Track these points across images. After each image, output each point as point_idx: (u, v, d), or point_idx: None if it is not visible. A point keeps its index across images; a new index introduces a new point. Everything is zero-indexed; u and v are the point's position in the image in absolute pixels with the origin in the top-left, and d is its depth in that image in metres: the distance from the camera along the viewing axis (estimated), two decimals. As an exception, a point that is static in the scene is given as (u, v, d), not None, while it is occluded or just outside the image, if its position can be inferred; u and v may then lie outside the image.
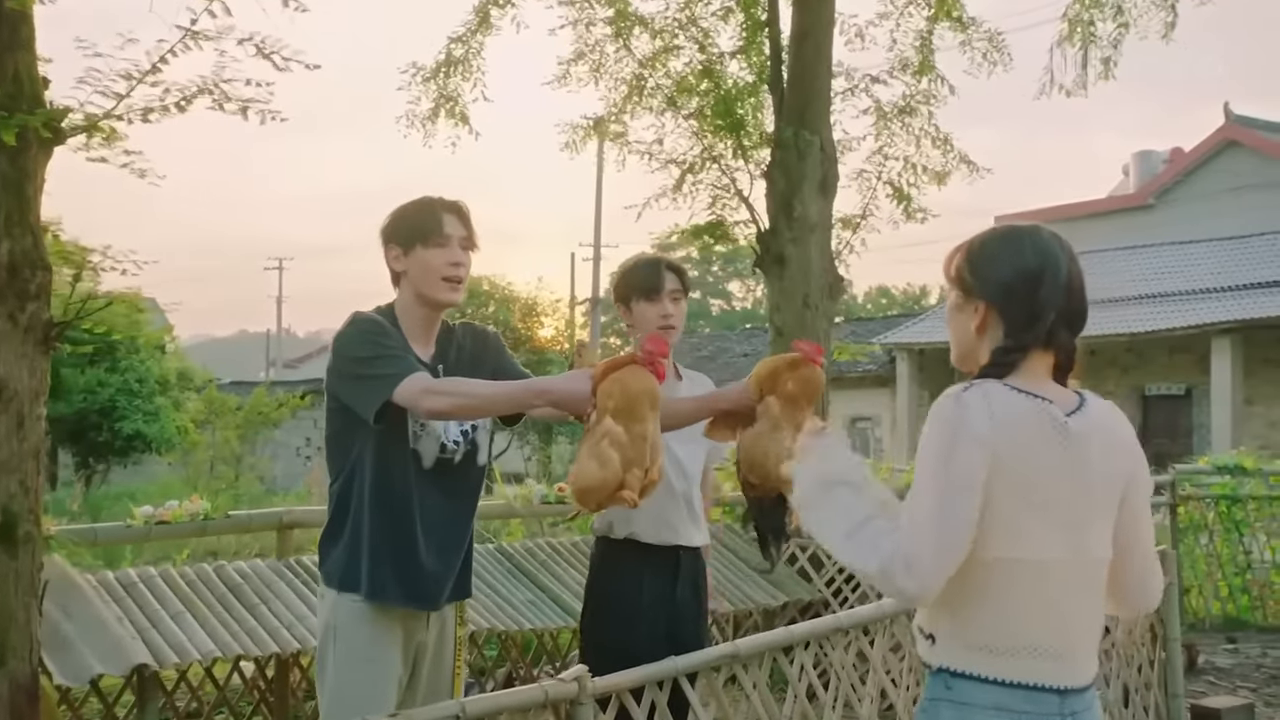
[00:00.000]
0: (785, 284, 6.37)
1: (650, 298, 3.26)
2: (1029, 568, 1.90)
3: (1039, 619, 1.92)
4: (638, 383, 2.40)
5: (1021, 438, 1.88)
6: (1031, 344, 1.95)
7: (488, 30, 7.51)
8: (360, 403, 2.56)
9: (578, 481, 2.43)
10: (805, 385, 2.77)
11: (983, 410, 1.87)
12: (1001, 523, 1.87)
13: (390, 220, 2.77)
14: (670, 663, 3.01)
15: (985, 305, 1.99)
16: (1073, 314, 1.99)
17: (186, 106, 4.43)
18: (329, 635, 2.66)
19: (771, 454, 2.77)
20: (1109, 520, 1.98)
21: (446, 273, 2.73)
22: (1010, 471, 1.86)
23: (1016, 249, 2.00)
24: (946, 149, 7.83)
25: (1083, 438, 1.93)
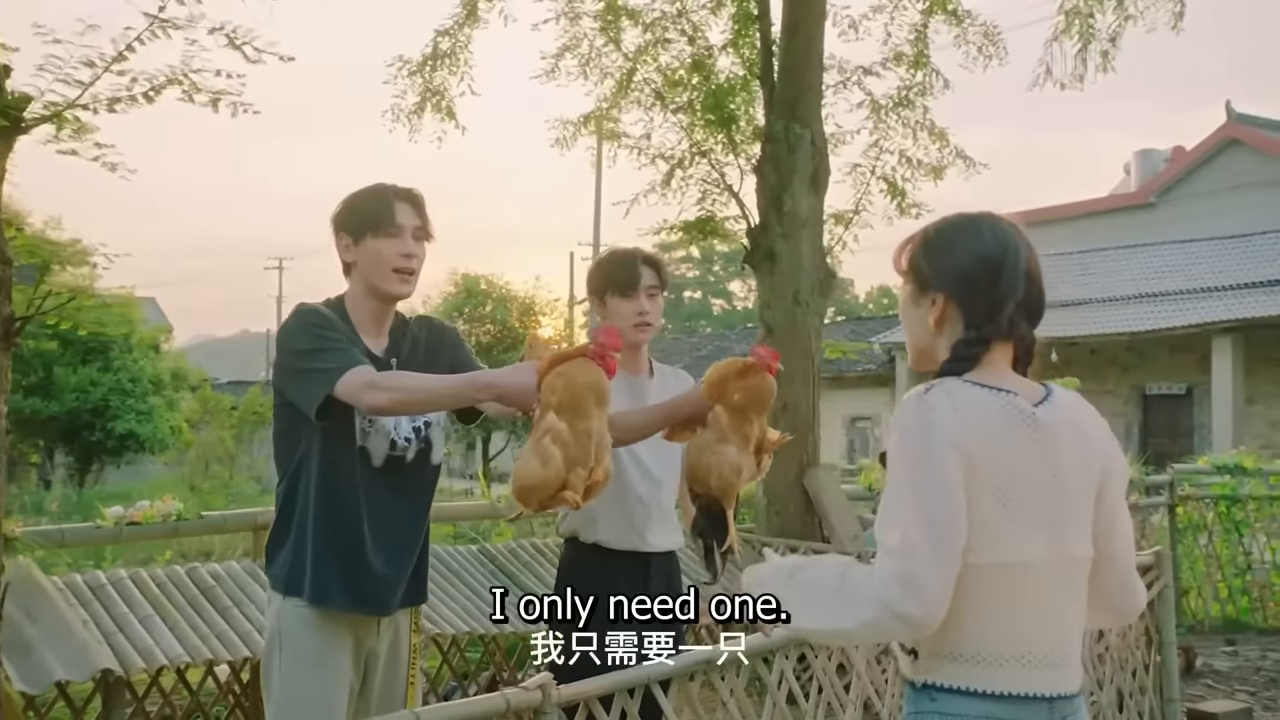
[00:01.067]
0: (776, 280, 6.26)
1: (626, 294, 3.14)
2: (1010, 571, 1.80)
3: (1024, 625, 1.82)
4: (584, 376, 2.29)
5: (991, 435, 1.79)
6: (994, 336, 1.86)
7: (475, 23, 7.40)
8: (302, 398, 2.45)
9: (518, 479, 2.31)
10: (753, 395, 2.68)
11: (949, 410, 1.78)
12: (979, 525, 1.76)
13: (341, 208, 2.65)
14: (642, 669, 2.90)
15: (944, 297, 1.89)
16: (1032, 303, 1.90)
17: (155, 97, 4.32)
18: (274, 642, 2.55)
19: (714, 466, 2.68)
20: (1086, 516, 1.87)
21: (398, 264, 2.61)
22: (984, 471, 1.77)
23: (975, 236, 1.90)
24: (942, 144, 7.73)
25: (1052, 429, 1.83)
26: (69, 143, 4.42)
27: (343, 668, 2.55)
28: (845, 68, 7.21)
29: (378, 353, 2.62)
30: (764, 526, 6.31)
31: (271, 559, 2.59)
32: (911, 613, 1.72)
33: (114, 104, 4.23)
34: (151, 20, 4.13)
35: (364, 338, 2.60)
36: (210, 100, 4.43)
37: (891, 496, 1.79)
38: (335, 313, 2.58)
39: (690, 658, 3.07)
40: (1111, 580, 1.93)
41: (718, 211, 6.89)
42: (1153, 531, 8.52)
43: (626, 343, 3.19)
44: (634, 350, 3.21)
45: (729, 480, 2.71)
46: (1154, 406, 21.55)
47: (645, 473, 3.12)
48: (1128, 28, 7.82)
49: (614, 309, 3.16)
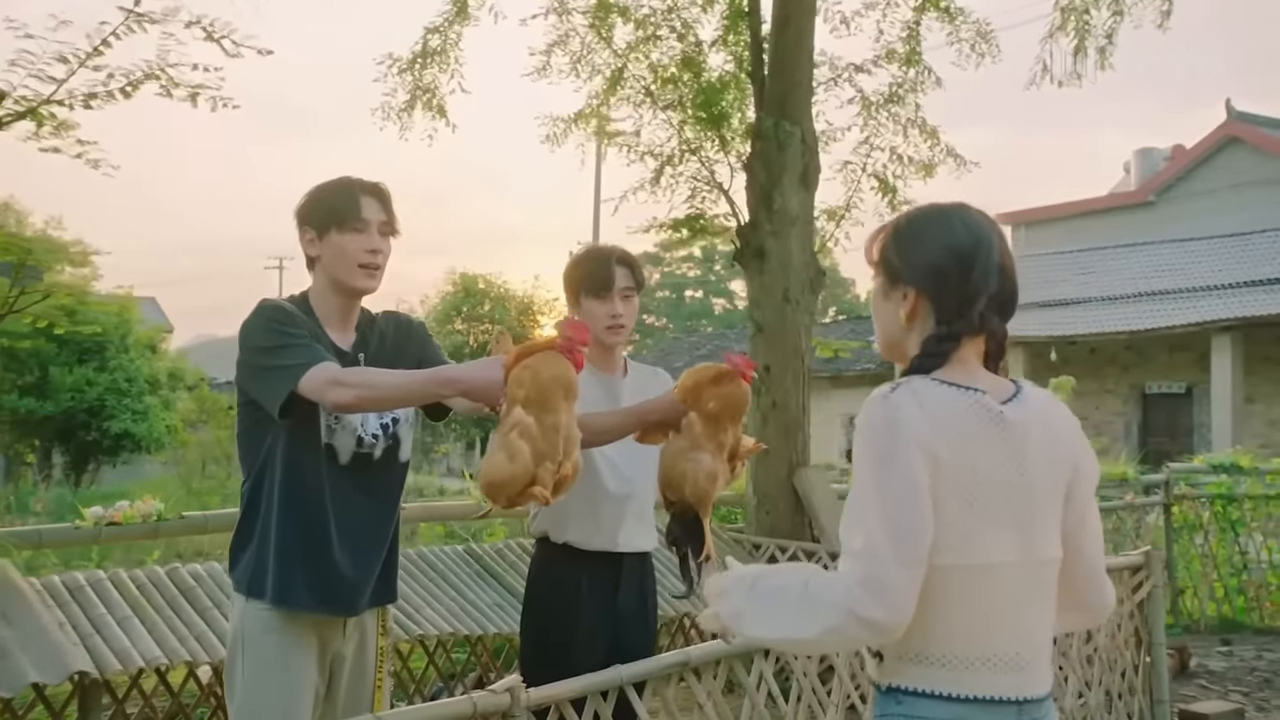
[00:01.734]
0: (765, 278, 6.22)
1: (600, 295, 3.09)
2: (977, 573, 1.76)
3: (991, 627, 1.78)
4: (550, 370, 2.25)
5: (959, 435, 1.75)
6: (965, 331, 1.81)
7: (465, 21, 7.36)
8: (265, 395, 2.41)
9: (486, 475, 2.27)
10: (727, 403, 2.67)
11: (915, 409, 1.74)
12: (946, 527, 1.73)
13: (306, 201, 2.60)
14: (614, 671, 2.85)
15: (915, 291, 1.85)
16: (1005, 298, 1.86)
17: (132, 92, 4.31)
18: (237, 644, 2.50)
19: (689, 474, 2.66)
20: (1055, 516, 1.83)
21: (363, 259, 2.57)
22: (951, 472, 1.73)
23: (947, 228, 1.85)
24: (934, 141, 7.68)
25: (1021, 428, 1.79)
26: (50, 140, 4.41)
27: (307, 671, 2.51)
28: (836, 64, 7.18)
29: (344, 348, 2.58)
30: (754, 526, 6.26)
31: (235, 560, 2.54)
32: (876, 617, 1.68)
33: (90, 99, 4.22)
34: (127, 14, 4.11)
35: (330, 333, 2.56)
36: (189, 95, 4.42)
37: (856, 498, 1.75)
38: (300, 308, 2.54)
39: (666, 659, 3.03)
40: (1081, 579, 1.90)
41: (707, 209, 6.85)
42: (1148, 531, 8.48)
43: (600, 343, 3.15)
44: (608, 350, 3.17)
45: (704, 488, 2.69)
46: (1153, 405, 21.49)
47: (616, 471, 3.07)
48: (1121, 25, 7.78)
49: (588, 310, 3.11)
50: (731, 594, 1.89)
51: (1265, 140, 22.12)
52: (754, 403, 6.27)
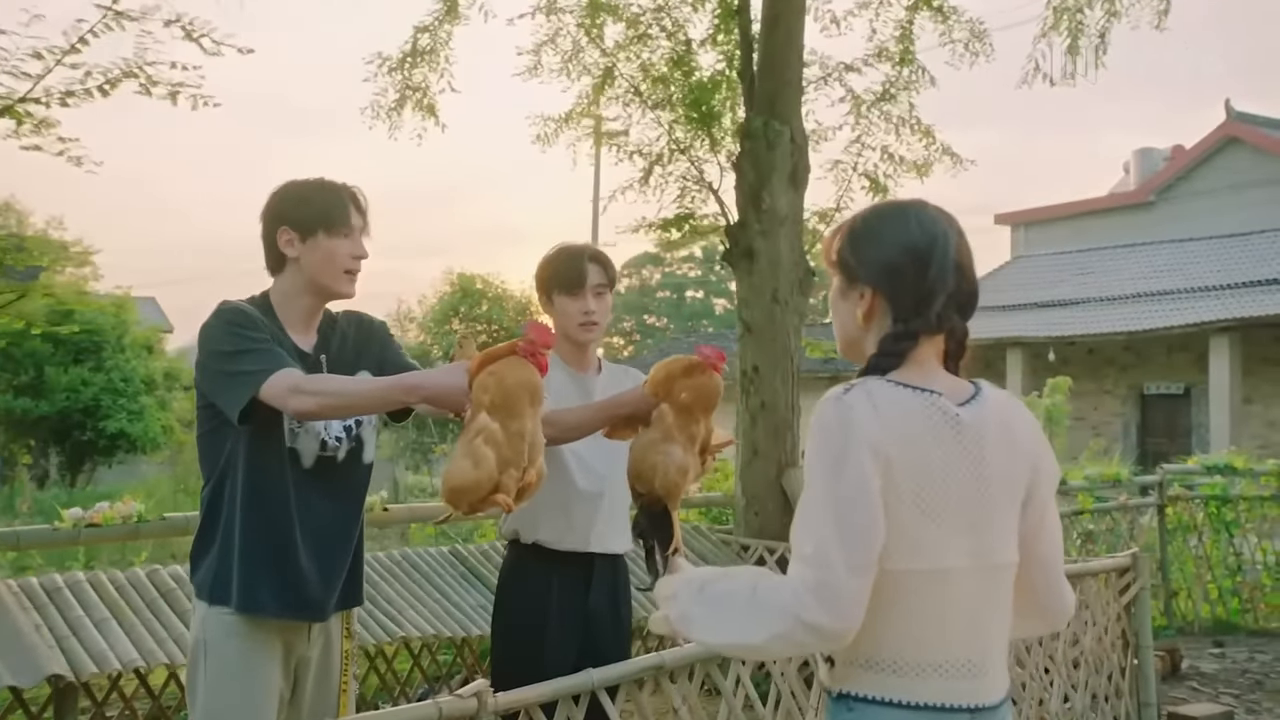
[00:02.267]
0: (754, 279, 6.18)
1: (572, 292, 3.06)
2: (930, 578, 1.72)
3: (944, 633, 1.74)
4: (515, 375, 2.24)
5: (912, 437, 1.71)
6: (922, 330, 1.78)
7: (455, 20, 7.31)
8: (225, 401, 2.37)
9: (449, 481, 2.25)
10: (699, 394, 2.64)
11: (868, 411, 1.70)
12: (898, 531, 1.69)
13: (283, 201, 2.55)
14: (585, 675, 2.81)
15: (871, 290, 1.82)
16: (964, 295, 1.82)
17: (110, 90, 4.28)
18: (199, 651, 2.46)
19: (660, 466, 2.63)
20: (1012, 520, 1.79)
21: (349, 265, 2.57)
22: (904, 475, 1.69)
23: (902, 226, 1.82)
24: (928, 140, 7.65)
25: (978, 430, 1.75)
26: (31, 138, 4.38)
27: (271, 677, 2.47)
28: (827, 64, 7.14)
29: (306, 349, 2.55)
30: (742, 528, 6.23)
31: (196, 566, 2.51)
32: (824, 624, 1.64)
33: (68, 97, 4.19)
34: (105, 12, 4.09)
35: (292, 335, 2.53)
36: (169, 93, 4.39)
37: (807, 501, 1.70)
38: (260, 310, 2.50)
39: (639, 662, 2.99)
40: (1039, 584, 1.86)
41: (697, 209, 6.81)
42: (1142, 532, 8.45)
43: (573, 341, 3.12)
44: (581, 349, 3.14)
45: (674, 480, 2.65)
46: (1152, 406, 21.46)
47: (588, 470, 3.03)
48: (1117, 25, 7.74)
49: (560, 307, 3.08)
50: (680, 597, 1.86)
51: (1265, 140, 22.09)
52: (742, 403, 6.25)
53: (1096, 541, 8.08)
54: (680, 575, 1.93)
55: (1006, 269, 25.76)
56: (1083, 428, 20.26)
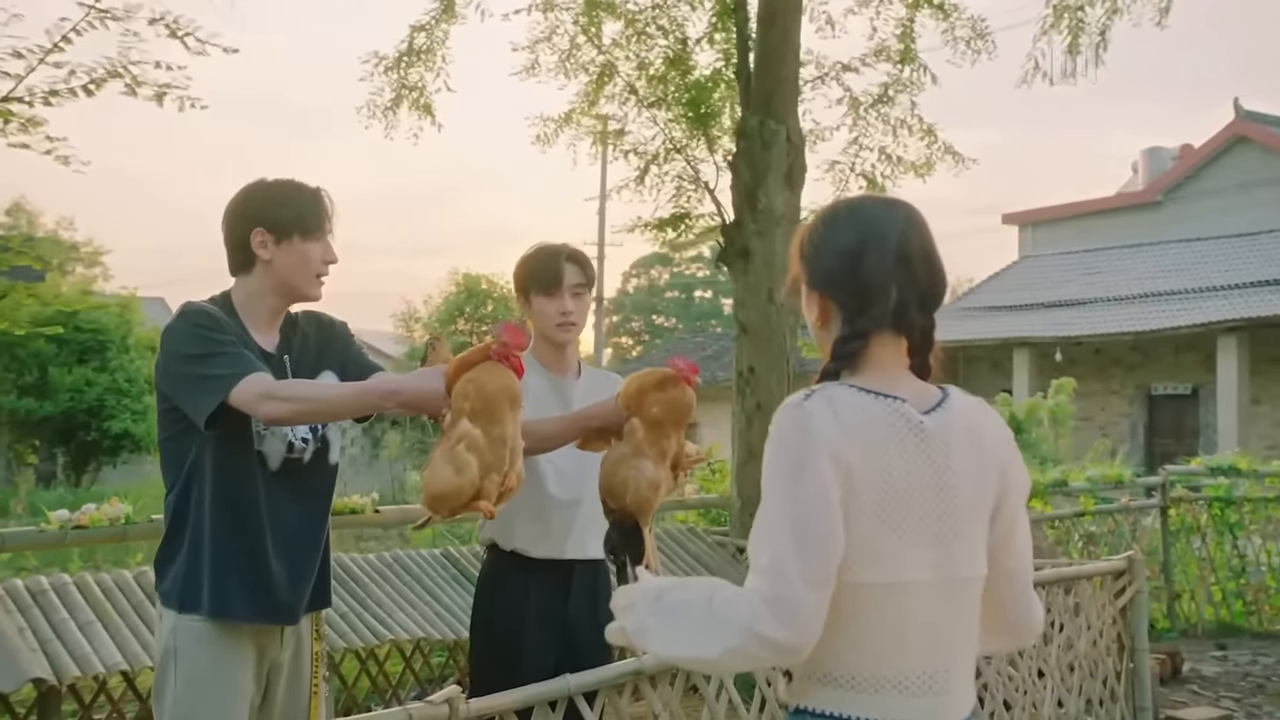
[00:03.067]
0: (750, 279, 6.13)
1: (549, 292, 3.03)
2: (889, 591, 1.66)
3: (904, 648, 1.68)
4: (495, 382, 2.24)
5: (874, 445, 1.66)
6: (871, 329, 1.73)
7: (452, 19, 7.28)
8: (192, 406, 2.34)
9: (431, 487, 2.24)
10: (670, 408, 2.62)
11: (828, 418, 1.65)
12: (857, 542, 1.64)
13: (258, 202, 2.51)
14: (562, 681, 2.78)
15: (819, 294, 1.79)
16: (922, 289, 1.75)
17: (95, 90, 4.26)
18: (168, 659, 2.42)
19: (631, 482, 2.61)
20: (979, 532, 1.73)
21: (320, 269, 2.56)
22: (864, 485, 1.64)
23: (834, 227, 1.79)
24: (930, 140, 7.59)
25: (943, 438, 1.70)
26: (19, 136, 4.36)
27: (243, 683, 2.44)
28: (824, 63, 7.09)
29: (269, 349, 2.52)
30: (738, 530, 6.18)
31: (162, 574, 2.46)
32: (779, 638, 1.59)
33: (52, 96, 4.17)
34: (88, 10, 4.06)
35: (255, 335, 2.50)
36: (155, 94, 4.37)
37: (764, 511, 1.66)
38: (223, 310, 2.47)
39: (618, 667, 2.95)
40: (1007, 597, 1.80)
41: (693, 208, 6.77)
42: (1145, 534, 8.39)
43: (551, 342, 3.08)
44: (559, 350, 3.10)
45: (645, 496, 2.63)
46: (1159, 406, 21.36)
47: (563, 477, 3.00)
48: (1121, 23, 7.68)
49: (538, 308, 3.05)
50: (638, 607, 1.81)
51: (1273, 139, 21.97)
52: (738, 404, 6.21)
53: (1098, 543, 8.03)
54: (638, 585, 1.88)
55: (1013, 269, 25.69)
56: (1089, 428, 20.16)
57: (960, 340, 21.16)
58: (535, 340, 3.14)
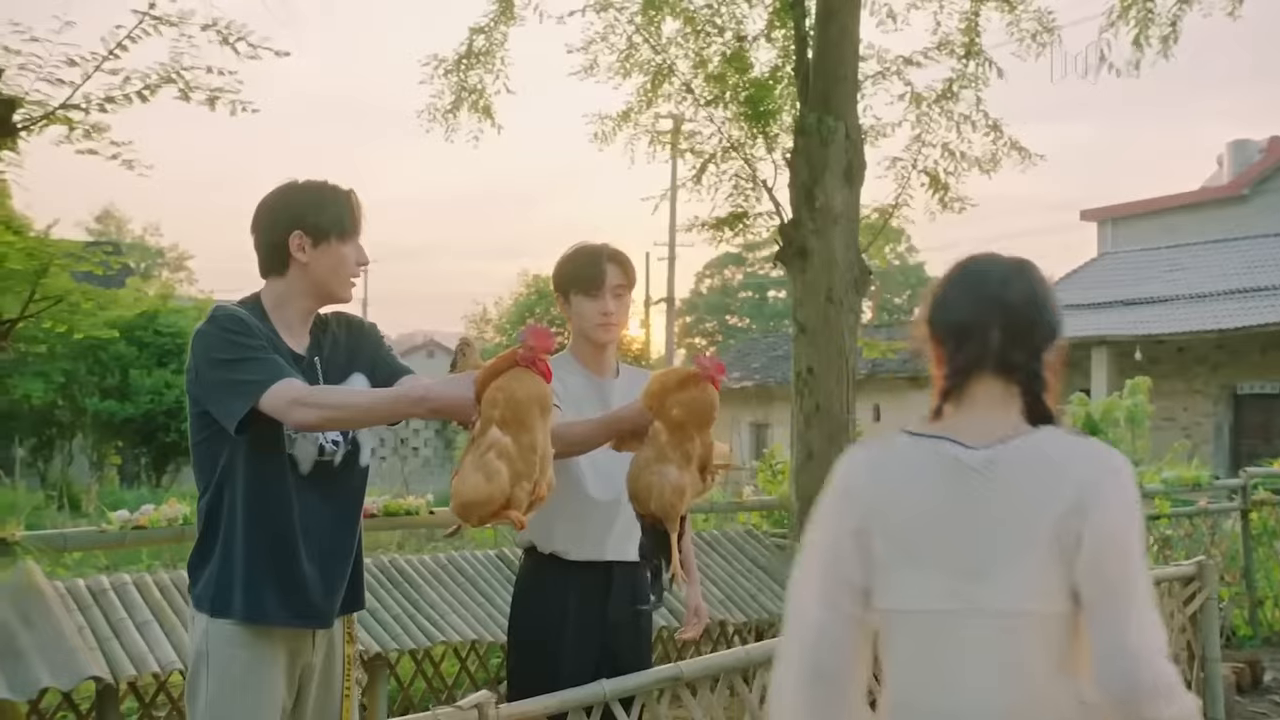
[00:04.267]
0: (808, 278, 6.05)
1: (590, 293, 2.99)
2: (908, 619, 1.74)
3: (918, 676, 1.73)
4: (525, 389, 2.22)
5: (897, 484, 1.79)
6: (971, 369, 1.81)
7: (510, 20, 7.28)
8: (222, 410, 2.34)
9: (461, 495, 2.22)
10: (692, 410, 2.56)
11: (863, 465, 1.85)
12: (884, 574, 1.76)
13: (296, 204, 2.51)
14: (597, 686, 2.76)
15: (935, 340, 1.89)
16: (1026, 334, 1.81)
17: (150, 95, 4.32)
18: (200, 662, 2.43)
19: (654, 487, 2.57)
20: (1036, 566, 1.69)
21: (355, 271, 2.57)
22: (886, 520, 1.77)
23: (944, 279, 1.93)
24: (995, 135, 7.43)
25: (984, 474, 1.73)
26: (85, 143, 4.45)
27: (275, 687, 2.44)
28: (885, 58, 6.97)
29: (300, 351, 2.51)
30: (797, 532, 6.10)
31: (195, 577, 2.47)
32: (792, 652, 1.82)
33: (108, 102, 4.23)
34: (142, 17, 4.12)
35: (286, 338, 2.49)
36: (208, 99, 4.42)
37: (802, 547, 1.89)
38: (253, 313, 2.47)
39: (656, 673, 2.92)
40: (1095, 645, 1.68)
41: (751, 207, 6.69)
42: (1224, 538, 8.14)
43: (592, 342, 3.05)
44: (599, 350, 3.06)
45: (670, 502, 2.59)
46: (1245, 406, 20.73)
47: (601, 478, 2.96)
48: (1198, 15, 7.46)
49: (578, 308, 3.02)
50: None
51: (1365, 130, 21.22)
52: (797, 405, 6.13)
53: (1174, 548, 7.79)
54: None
55: (1092, 266, 25.14)
56: (1172, 429, 19.65)
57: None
58: (575, 340, 3.10)
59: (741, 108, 6.63)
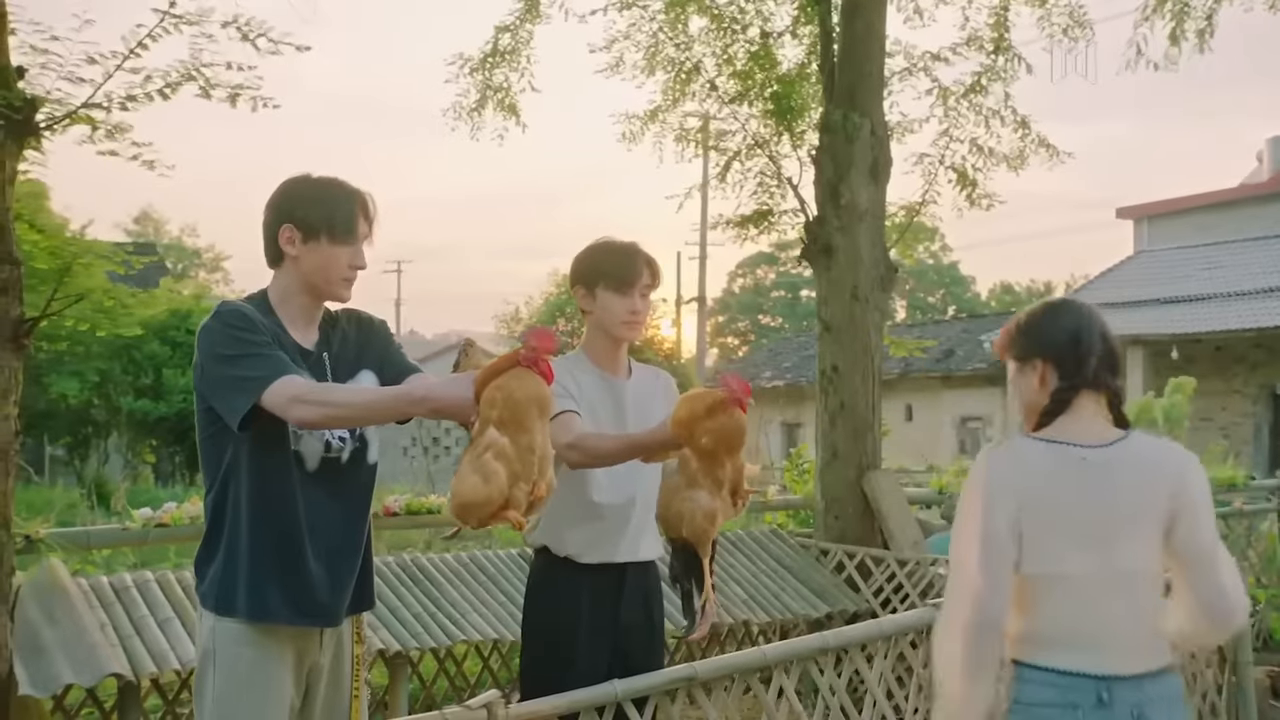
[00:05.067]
0: (832, 275, 6.01)
1: (621, 289, 2.95)
2: (1060, 580, 2.31)
3: (1071, 618, 2.30)
4: (523, 389, 2.19)
5: (1041, 479, 2.30)
6: (1081, 386, 2.35)
7: (536, 19, 7.28)
8: (225, 407, 2.33)
9: (459, 496, 2.20)
10: (722, 437, 2.57)
11: (1009, 463, 2.32)
12: (1035, 547, 2.29)
13: (291, 198, 2.48)
14: (609, 686, 2.73)
15: (1042, 361, 2.39)
16: (1112, 361, 2.40)
17: (170, 93, 4.31)
18: (207, 661, 2.41)
19: (686, 514, 2.61)
20: (1144, 535, 2.31)
21: (347, 274, 2.51)
22: (1035, 507, 2.29)
23: (1058, 314, 2.44)
24: (1024, 132, 7.34)
25: (1103, 468, 2.30)
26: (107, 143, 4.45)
27: (282, 685, 2.42)
28: (912, 54, 6.90)
29: (308, 347, 2.49)
30: (822, 532, 6.06)
31: (201, 575, 2.45)
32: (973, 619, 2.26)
33: (129, 101, 4.23)
34: (162, 15, 4.11)
35: (293, 332, 2.47)
36: (229, 96, 4.42)
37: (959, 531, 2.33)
38: (259, 308, 2.45)
39: (669, 673, 2.88)
40: (1197, 582, 2.32)
41: (775, 205, 6.65)
42: (1261, 540, 8.01)
43: (609, 340, 3.01)
44: (615, 348, 3.03)
45: (702, 528, 2.63)
46: (1285, 406, 20.45)
47: (613, 481, 2.92)
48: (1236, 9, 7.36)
49: (604, 303, 2.96)
50: None
51: None
52: (821, 403, 6.09)
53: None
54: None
55: (1127, 264, 24.86)
56: (1209, 429, 19.40)
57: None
58: (591, 337, 3.05)
59: (767, 104, 6.59)
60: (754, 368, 28.63)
